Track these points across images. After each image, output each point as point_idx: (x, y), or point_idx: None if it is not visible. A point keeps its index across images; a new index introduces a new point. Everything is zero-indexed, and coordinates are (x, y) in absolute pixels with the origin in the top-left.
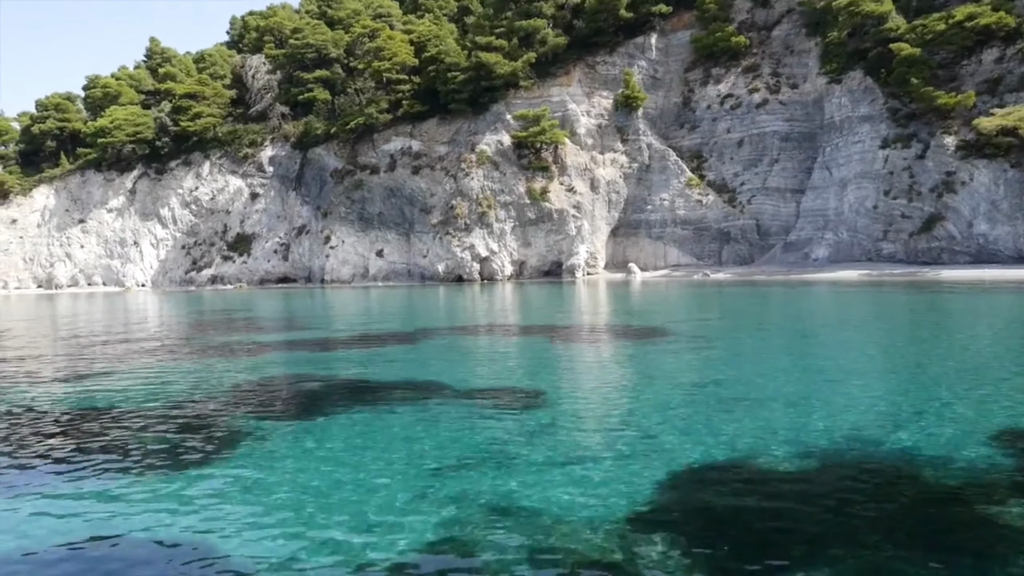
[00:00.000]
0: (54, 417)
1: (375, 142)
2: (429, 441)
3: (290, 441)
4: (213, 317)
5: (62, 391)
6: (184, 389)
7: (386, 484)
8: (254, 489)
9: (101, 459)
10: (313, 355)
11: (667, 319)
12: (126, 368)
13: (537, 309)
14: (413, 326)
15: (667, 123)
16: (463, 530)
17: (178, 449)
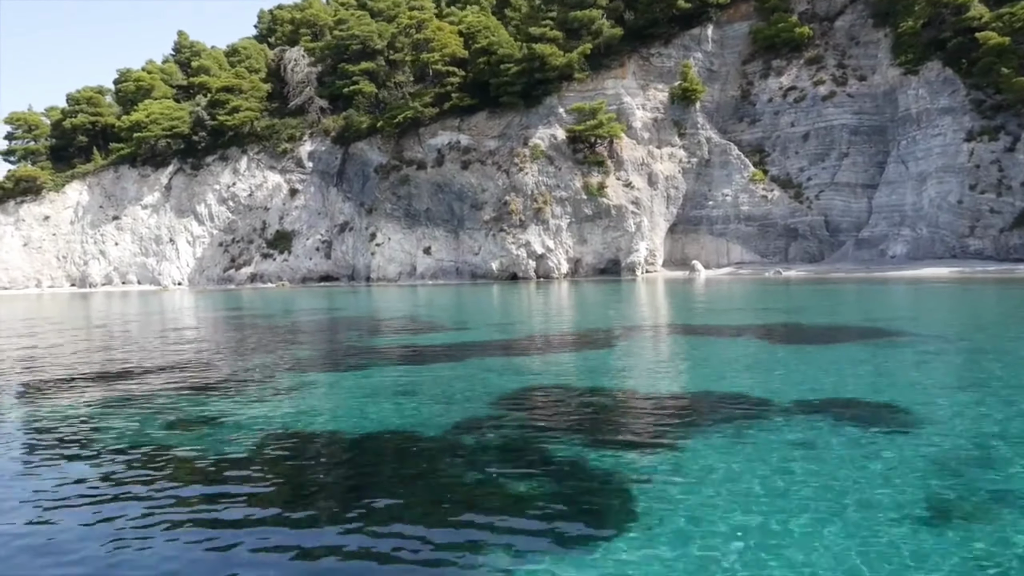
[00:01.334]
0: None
1: (421, 136)
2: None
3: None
4: (328, 317)
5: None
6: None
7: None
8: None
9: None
10: (544, 358)
11: (858, 318)
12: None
13: (663, 306)
14: (588, 325)
15: (724, 117)
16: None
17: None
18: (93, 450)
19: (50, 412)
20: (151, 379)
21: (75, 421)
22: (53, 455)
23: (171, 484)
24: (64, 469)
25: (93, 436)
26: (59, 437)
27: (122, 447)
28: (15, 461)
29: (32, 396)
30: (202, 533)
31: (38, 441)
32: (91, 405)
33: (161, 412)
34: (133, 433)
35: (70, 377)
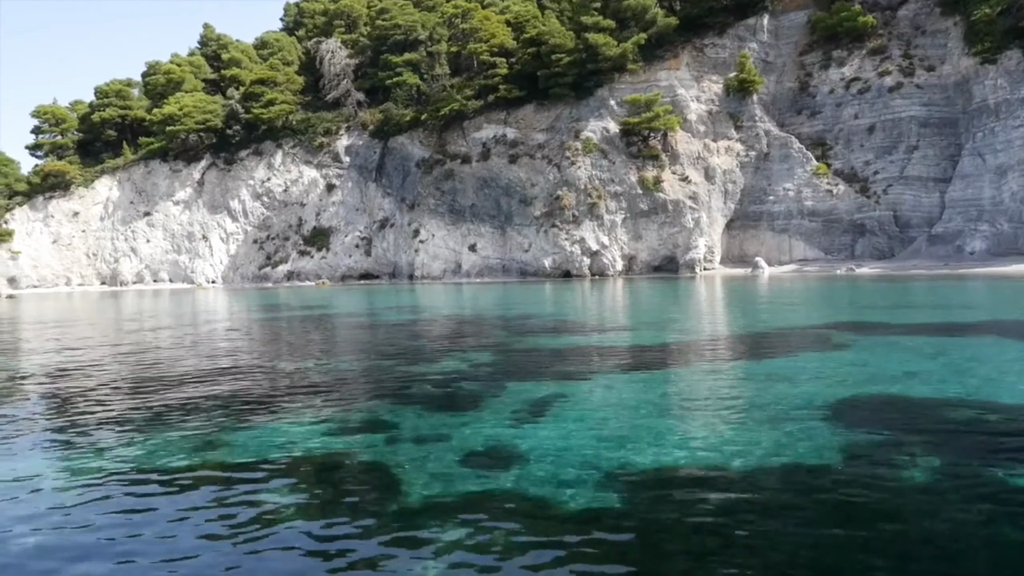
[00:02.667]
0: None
1: (465, 130)
2: None
3: None
4: (427, 317)
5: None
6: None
7: None
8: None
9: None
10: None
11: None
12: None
13: (789, 303)
14: (778, 323)
15: (781, 109)
16: None
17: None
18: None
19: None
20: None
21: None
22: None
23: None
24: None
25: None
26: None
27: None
28: (52, 472)
29: (72, 407)
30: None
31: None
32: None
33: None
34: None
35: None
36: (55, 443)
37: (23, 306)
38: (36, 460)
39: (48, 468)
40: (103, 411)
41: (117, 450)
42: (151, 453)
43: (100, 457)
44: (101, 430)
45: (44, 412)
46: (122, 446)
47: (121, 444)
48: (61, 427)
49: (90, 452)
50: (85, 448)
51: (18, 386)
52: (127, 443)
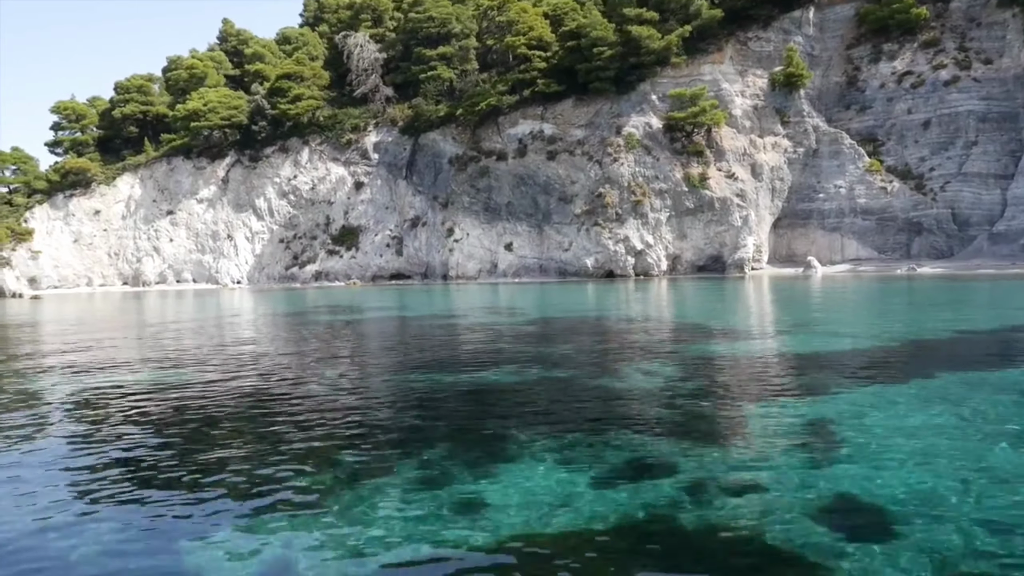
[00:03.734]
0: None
1: (500, 125)
2: None
3: None
4: (504, 320)
5: None
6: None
7: None
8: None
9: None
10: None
11: None
12: None
13: (909, 307)
14: (903, 329)
15: (828, 104)
16: None
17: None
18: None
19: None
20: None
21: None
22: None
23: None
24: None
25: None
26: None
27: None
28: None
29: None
30: None
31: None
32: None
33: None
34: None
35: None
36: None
37: (50, 307)
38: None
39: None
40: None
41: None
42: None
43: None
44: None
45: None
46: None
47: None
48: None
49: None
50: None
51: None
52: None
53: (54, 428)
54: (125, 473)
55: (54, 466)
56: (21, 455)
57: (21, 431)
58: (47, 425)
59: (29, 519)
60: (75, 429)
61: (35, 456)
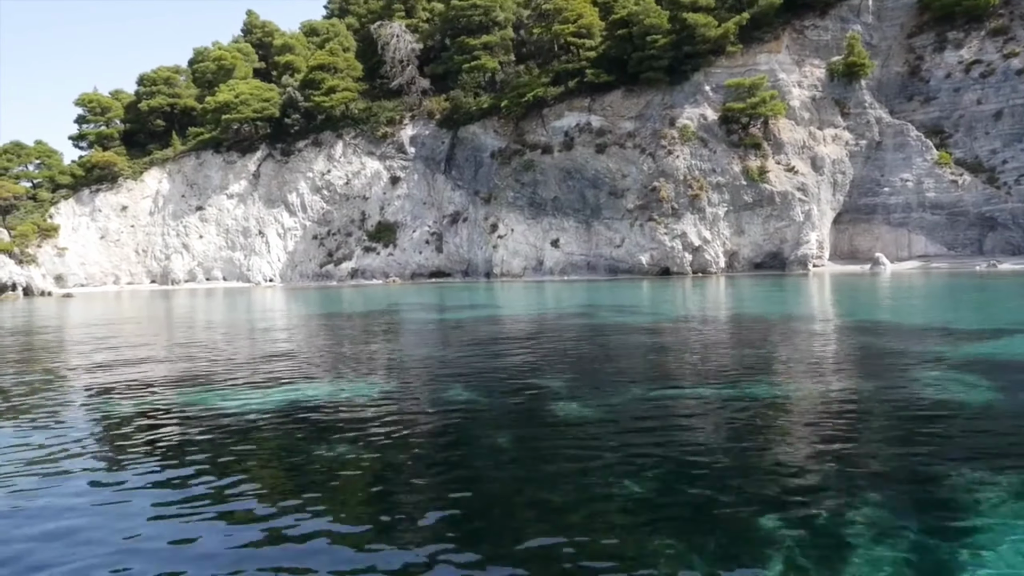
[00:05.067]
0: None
1: (545, 118)
2: None
3: None
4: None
5: None
6: None
7: None
8: None
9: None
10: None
11: None
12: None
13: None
14: None
15: (888, 95)
16: None
17: None
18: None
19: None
20: None
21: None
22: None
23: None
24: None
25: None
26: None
27: None
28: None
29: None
30: None
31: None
32: None
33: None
34: None
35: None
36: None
37: (85, 307)
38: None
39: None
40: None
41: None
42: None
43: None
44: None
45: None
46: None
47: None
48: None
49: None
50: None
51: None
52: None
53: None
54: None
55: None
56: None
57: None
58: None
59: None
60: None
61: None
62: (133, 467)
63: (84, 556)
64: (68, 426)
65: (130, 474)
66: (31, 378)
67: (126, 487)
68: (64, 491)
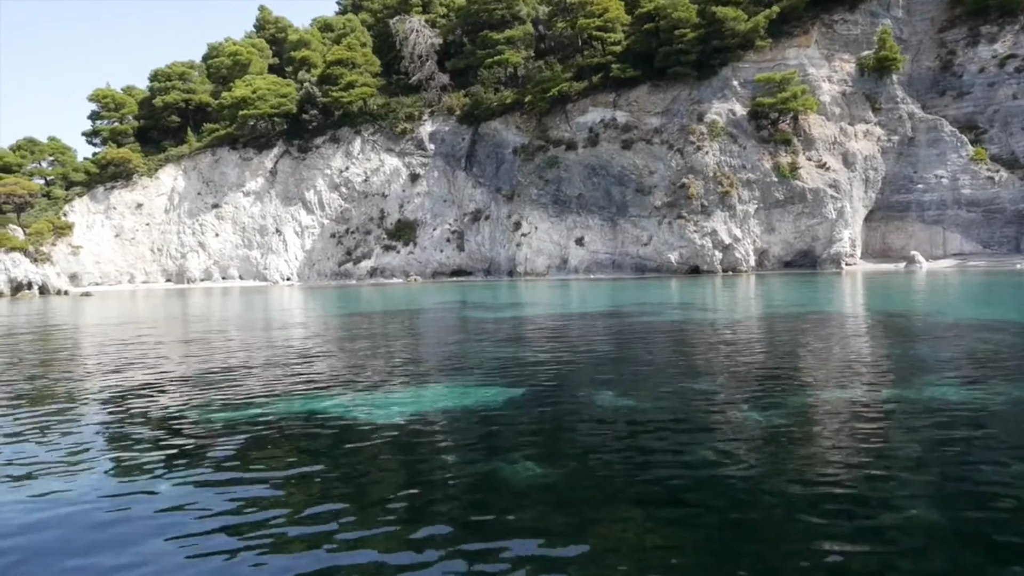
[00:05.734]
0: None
1: (568, 113)
2: None
3: None
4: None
5: None
6: None
7: None
8: None
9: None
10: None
11: None
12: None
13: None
14: None
15: (920, 90)
16: None
17: None
18: None
19: None
20: None
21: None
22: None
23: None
24: None
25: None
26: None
27: None
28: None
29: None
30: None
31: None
32: None
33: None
34: None
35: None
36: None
37: (107, 306)
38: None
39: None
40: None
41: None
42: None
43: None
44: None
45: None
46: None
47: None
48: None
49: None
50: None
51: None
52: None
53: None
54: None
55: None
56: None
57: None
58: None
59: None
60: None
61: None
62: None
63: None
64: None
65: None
66: (79, 379)
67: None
68: (93, 507)
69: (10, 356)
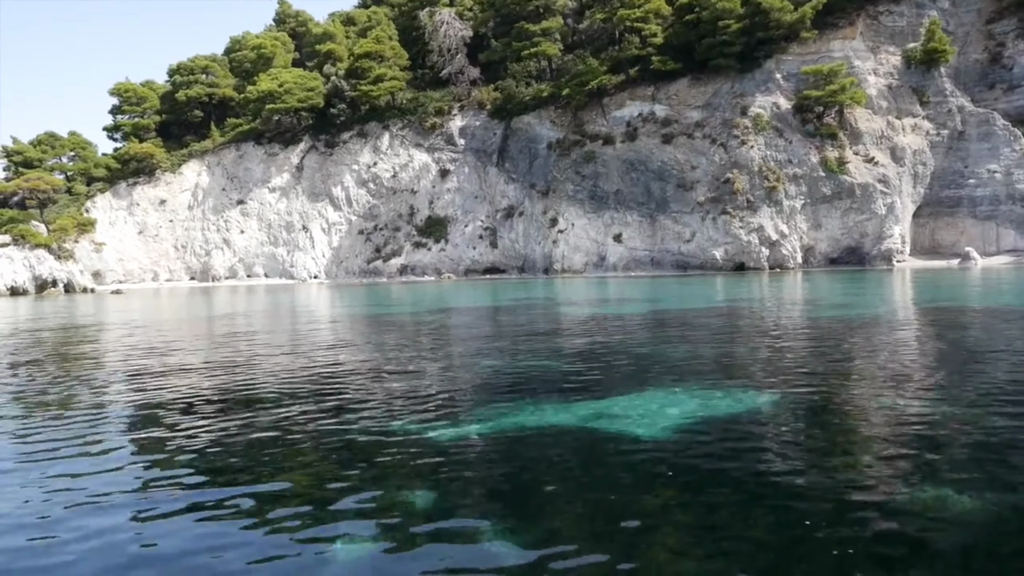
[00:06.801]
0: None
1: (605, 107)
2: None
3: None
4: None
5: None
6: None
7: None
8: None
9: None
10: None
11: None
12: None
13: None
14: None
15: (968, 83)
16: None
17: None
18: None
19: None
20: None
21: None
22: None
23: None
24: None
25: None
26: None
27: None
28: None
29: None
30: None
31: None
32: None
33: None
34: None
35: None
36: None
37: (142, 306)
38: None
39: None
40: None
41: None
42: None
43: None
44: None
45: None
46: None
47: None
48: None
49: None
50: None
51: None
52: None
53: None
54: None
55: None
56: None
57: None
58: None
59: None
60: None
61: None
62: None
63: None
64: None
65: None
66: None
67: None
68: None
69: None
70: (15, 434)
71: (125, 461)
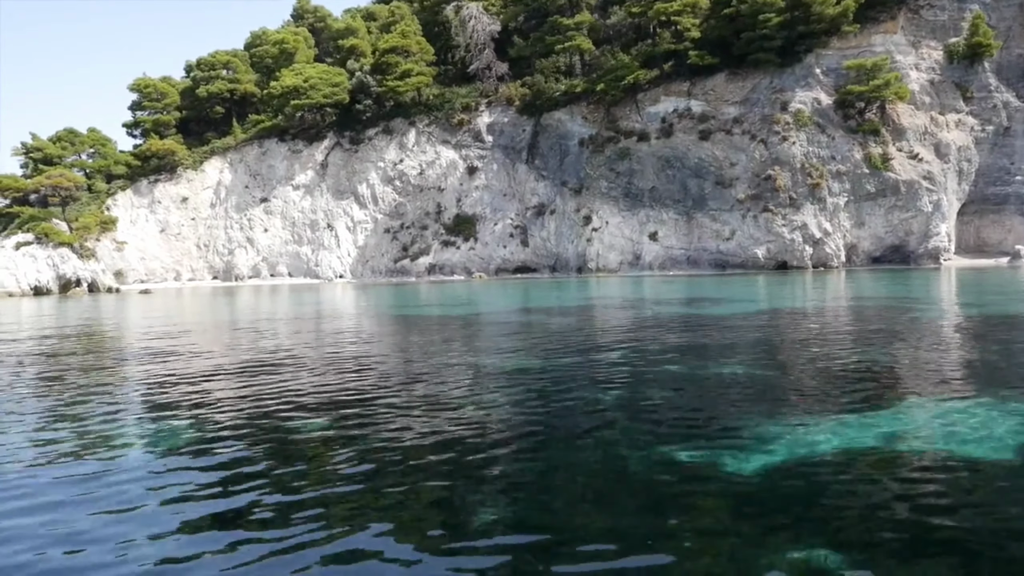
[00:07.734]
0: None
1: (639, 103)
2: None
3: None
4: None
5: None
6: None
7: None
8: None
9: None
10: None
11: None
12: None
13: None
14: None
15: (1011, 78)
16: None
17: None
18: None
19: None
20: None
21: None
22: None
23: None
24: None
25: None
26: None
27: None
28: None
29: None
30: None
31: None
32: None
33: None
34: None
35: None
36: None
37: (178, 307)
38: None
39: None
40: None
41: None
42: None
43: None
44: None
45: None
46: None
47: None
48: None
49: None
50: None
51: None
52: None
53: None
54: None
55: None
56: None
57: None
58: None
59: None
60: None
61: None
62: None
63: None
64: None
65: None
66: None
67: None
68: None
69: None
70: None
71: (157, 468)
